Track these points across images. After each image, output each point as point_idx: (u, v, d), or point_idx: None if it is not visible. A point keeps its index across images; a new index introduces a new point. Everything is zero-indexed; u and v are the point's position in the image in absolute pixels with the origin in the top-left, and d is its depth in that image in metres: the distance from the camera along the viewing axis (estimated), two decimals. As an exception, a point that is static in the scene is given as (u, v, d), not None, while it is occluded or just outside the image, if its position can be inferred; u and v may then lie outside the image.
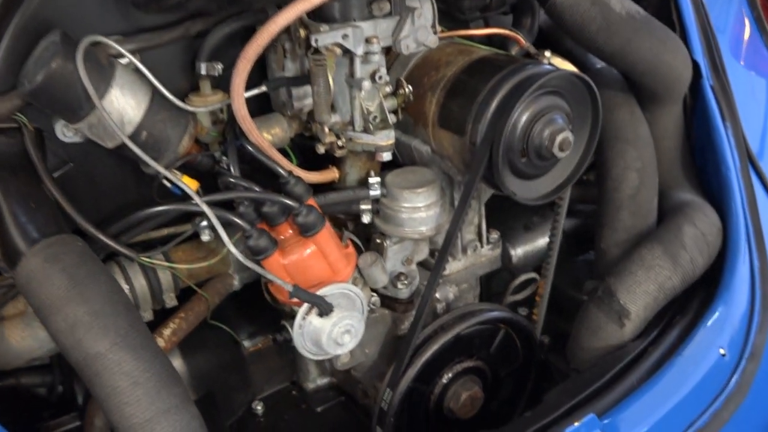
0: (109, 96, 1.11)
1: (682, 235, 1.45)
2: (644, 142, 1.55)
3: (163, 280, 1.30)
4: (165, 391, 1.03)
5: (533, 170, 1.28)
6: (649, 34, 1.41)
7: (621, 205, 1.53)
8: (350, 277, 1.24)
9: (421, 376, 1.34)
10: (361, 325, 1.20)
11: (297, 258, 1.17)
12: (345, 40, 1.15)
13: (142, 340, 1.04)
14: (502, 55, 1.34)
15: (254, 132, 1.18)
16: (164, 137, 1.18)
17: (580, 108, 1.29)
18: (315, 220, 1.16)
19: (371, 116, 1.24)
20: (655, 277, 1.41)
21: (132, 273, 1.27)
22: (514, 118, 1.20)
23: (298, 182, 1.22)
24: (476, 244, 1.49)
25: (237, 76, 1.09)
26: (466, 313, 1.38)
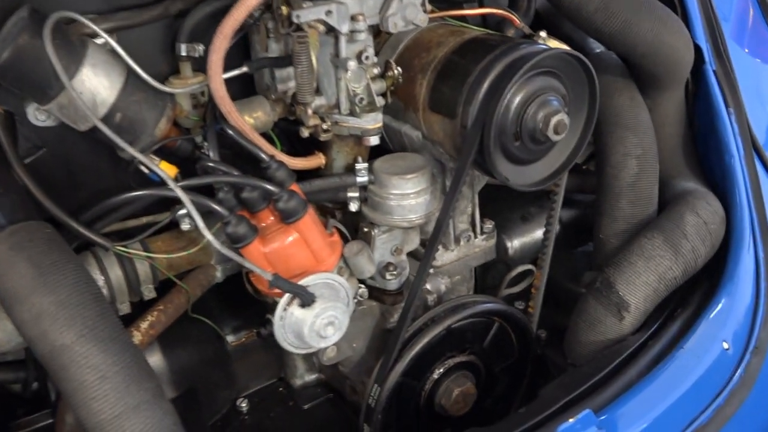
0: (80, 75, 1.06)
1: (683, 224, 1.39)
2: (644, 128, 1.49)
3: (140, 270, 1.24)
4: (135, 386, 0.97)
5: (527, 155, 1.22)
6: (649, 14, 1.35)
7: (620, 193, 1.47)
8: (335, 267, 1.18)
9: (410, 371, 1.29)
10: (346, 317, 1.14)
11: (278, 246, 1.11)
12: (328, 16, 1.09)
13: (111, 332, 0.98)
14: (495, 35, 1.29)
15: (234, 114, 1.12)
16: (140, 119, 1.13)
17: (576, 89, 1.23)
18: (296, 206, 1.10)
19: (357, 98, 1.18)
20: (655, 268, 1.35)
21: (107, 263, 1.22)
22: (506, 100, 1.14)
23: (281, 167, 1.16)
24: (469, 234, 1.43)
25: (213, 53, 1.03)
26: (458, 305, 1.33)
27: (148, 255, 1.21)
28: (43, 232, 1.03)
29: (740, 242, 1.42)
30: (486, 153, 1.15)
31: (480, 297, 1.38)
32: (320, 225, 1.18)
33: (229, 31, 1.01)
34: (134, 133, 1.13)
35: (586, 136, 1.27)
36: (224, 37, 1.01)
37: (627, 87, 1.53)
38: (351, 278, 1.24)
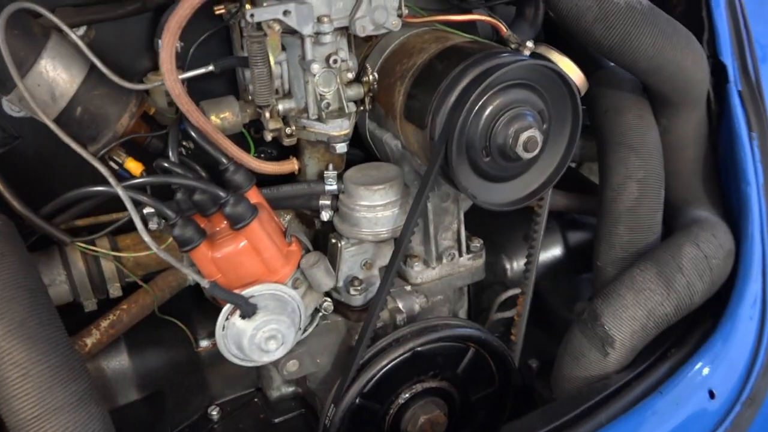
0: (38, 67, 1.06)
1: (680, 257, 1.27)
2: (650, 150, 1.38)
3: (106, 268, 1.24)
4: (59, 387, 0.95)
5: (500, 171, 1.14)
6: (651, 27, 1.25)
7: (618, 218, 1.37)
8: (289, 278, 1.14)
9: (371, 394, 1.23)
10: (291, 331, 1.09)
11: (226, 252, 1.08)
12: (286, 16, 1.05)
13: (42, 330, 0.97)
14: (479, 43, 1.21)
15: (194, 113, 1.10)
16: (101, 114, 1.12)
17: (558, 106, 1.15)
18: (243, 212, 1.06)
19: (324, 103, 1.14)
20: (644, 302, 1.24)
21: (72, 259, 1.21)
22: (474, 112, 1.07)
23: (239, 170, 1.13)
24: (453, 253, 1.36)
25: (163, 50, 1.01)
26: (426, 328, 1.25)
27: (108, 252, 1.20)
28: None
29: (745, 280, 1.29)
30: (450, 167, 1.09)
31: (454, 320, 1.31)
32: (277, 233, 1.14)
33: (175, 28, 0.98)
34: (96, 128, 1.13)
35: (569, 155, 1.18)
36: (171, 34, 0.99)
37: (636, 105, 1.42)
38: (311, 291, 1.19)
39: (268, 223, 1.12)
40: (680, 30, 1.30)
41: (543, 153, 1.18)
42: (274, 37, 1.07)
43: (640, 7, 1.25)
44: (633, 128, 1.40)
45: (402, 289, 1.32)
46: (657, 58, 1.27)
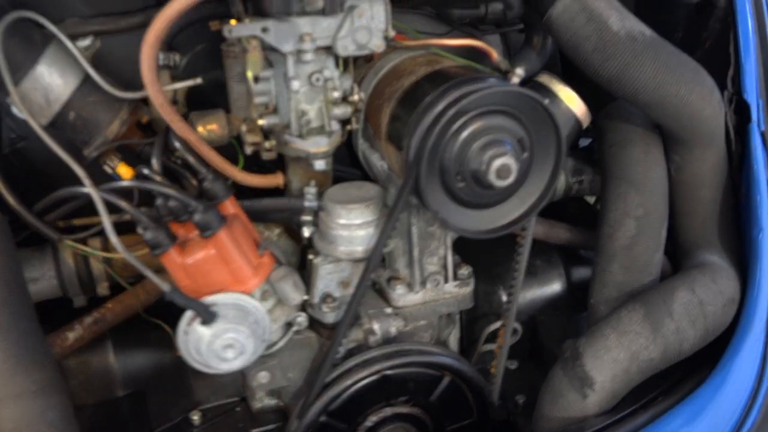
0: (34, 72, 1.12)
1: (672, 300, 1.21)
2: (653, 187, 1.33)
3: (94, 267, 1.28)
4: (22, 376, 1.00)
5: (476, 198, 1.12)
6: (653, 59, 1.20)
7: (614, 255, 1.32)
8: (257, 290, 1.15)
9: (337, 412, 1.22)
10: (250, 342, 1.10)
11: (194, 259, 1.10)
12: (265, 33, 1.07)
13: (11, 320, 1.02)
14: (468, 68, 1.20)
15: (177, 123, 1.13)
16: (93, 120, 1.17)
17: (542, 135, 1.12)
18: (211, 220, 1.09)
19: (304, 119, 1.15)
20: (628, 345, 1.19)
21: (62, 256, 1.27)
22: (447, 136, 1.06)
23: (216, 180, 1.16)
24: (439, 278, 1.34)
25: (142, 61, 1.05)
26: (398, 351, 1.24)
27: (93, 252, 1.25)
28: None
29: (744, 333, 1.22)
30: (420, 190, 1.08)
31: (429, 347, 1.28)
32: (249, 245, 1.16)
33: (153, 40, 1.02)
34: (88, 133, 1.18)
35: (551, 186, 1.15)
36: (149, 46, 1.03)
37: (644, 139, 1.37)
38: (281, 305, 1.20)
39: (240, 233, 1.14)
40: (686, 63, 1.25)
41: (525, 182, 1.15)
42: (254, 53, 1.09)
43: (641, 38, 1.21)
44: (636, 163, 1.35)
45: (381, 311, 1.31)
46: (658, 91, 1.22)
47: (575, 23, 1.21)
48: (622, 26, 1.20)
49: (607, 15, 1.20)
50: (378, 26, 1.15)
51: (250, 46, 1.09)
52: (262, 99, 1.19)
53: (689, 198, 1.42)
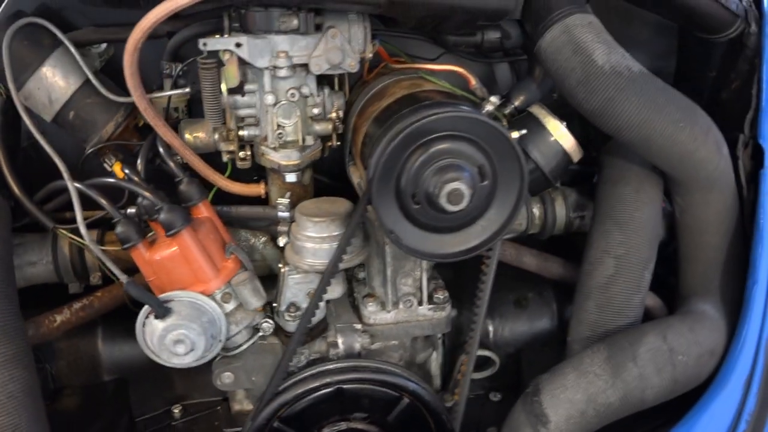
0: (39, 73, 1.22)
1: (638, 345, 1.16)
2: (638, 227, 1.28)
3: (88, 257, 1.37)
4: None
5: (433, 221, 1.12)
6: (637, 95, 1.16)
7: (590, 293, 1.28)
8: (218, 290, 1.19)
9: (290, 419, 1.24)
10: (201, 339, 1.14)
11: (158, 255, 1.16)
12: (239, 49, 1.13)
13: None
14: (441, 92, 1.21)
15: (161, 128, 1.20)
16: (91, 120, 1.26)
17: (506, 164, 1.11)
18: (174, 220, 1.14)
19: (276, 133, 1.20)
20: (586, 386, 1.15)
21: (60, 244, 1.36)
22: (403, 158, 1.07)
23: (191, 184, 1.22)
24: (412, 300, 1.34)
25: (125, 68, 1.12)
26: (353, 366, 1.25)
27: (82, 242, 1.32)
28: None
29: (718, 388, 1.14)
30: (377, 211, 1.09)
31: (390, 367, 1.28)
32: (214, 247, 1.20)
33: (131, 49, 1.09)
34: (85, 132, 1.27)
35: (513, 216, 1.13)
36: (129, 54, 1.10)
37: (639, 177, 1.32)
38: (243, 308, 1.24)
39: (206, 235, 1.19)
40: (677, 101, 1.19)
41: (488, 210, 1.15)
42: (230, 67, 1.15)
43: (627, 72, 1.17)
44: (624, 202, 1.30)
45: (350, 326, 1.33)
46: (643, 129, 1.18)
47: (561, 55, 1.20)
48: (607, 60, 1.17)
49: (593, 48, 1.17)
50: (355, 47, 1.18)
51: (226, 60, 1.14)
52: (246, 111, 1.25)
53: (692, 243, 1.36)
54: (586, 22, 1.21)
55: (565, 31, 1.20)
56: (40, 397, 1.17)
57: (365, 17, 1.19)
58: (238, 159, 1.23)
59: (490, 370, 1.46)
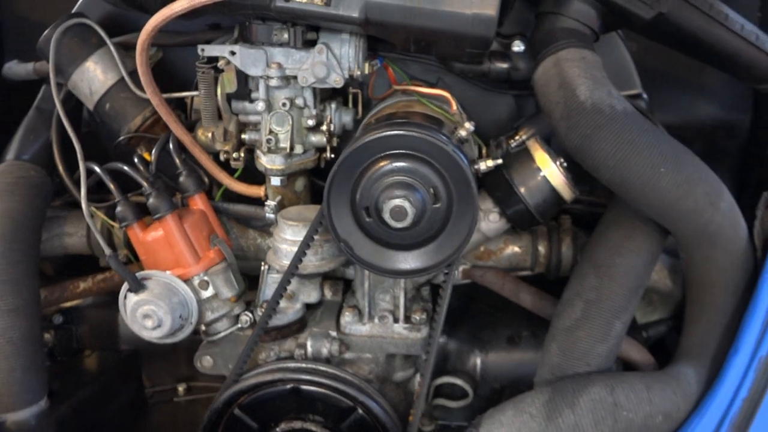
0: (83, 66, 1.40)
1: (581, 393, 1.10)
2: (616, 274, 1.22)
3: (115, 235, 1.53)
4: None
5: (385, 236, 1.15)
6: (615, 135, 1.11)
7: (554, 336, 1.23)
8: (195, 276, 1.30)
9: (248, 408, 1.31)
10: (168, 318, 1.24)
11: (146, 236, 1.29)
12: (233, 57, 1.23)
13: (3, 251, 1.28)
14: (424, 116, 1.23)
15: (172, 124, 1.33)
16: (122, 112, 1.42)
17: (461, 189, 1.12)
18: (159, 205, 1.26)
19: (266, 138, 1.28)
20: (519, 426, 1.11)
21: (96, 221, 1.53)
22: (357, 173, 1.12)
23: (190, 176, 1.34)
24: (388, 316, 1.37)
25: (138, 66, 1.26)
26: (313, 369, 1.29)
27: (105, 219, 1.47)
28: (17, 173, 1.40)
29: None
30: (327, 218, 1.14)
31: (348, 376, 1.31)
32: (199, 236, 1.31)
33: (140, 49, 1.22)
34: (118, 122, 1.44)
35: (465, 243, 1.13)
36: (139, 54, 1.24)
37: (632, 224, 1.26)
38: (219, 297, 1.33)
39: (193, 225, 1.30)
40: (661, 146, 1.13)
41: (443, 233, 1.16)
42: (228, 73, 1.26)
43: (608, 111, 1.13)
44: (609, 246, 1.25)
45: (325, 331, 1.37)
46: (618, 170, 1.13)
47: (549, 88, 1.19)
48: (590, 96, 1.14)
49: (577, 83, 1.15)
50: (344, 65, 1.24)
51: (225, 66, 1.25)
52: (252, 117, 1.35)
53: (696, 302, 1.27)
54: (579, 56, 1.19)
55: (555, 65, 1.19)
56: (41, 349, 1.33)
57: (359, 37, 1.25)
58: (232, 159, 1.33)
59: (464, 401, 1.44)
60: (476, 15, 1.13)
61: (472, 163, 1.20)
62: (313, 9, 1.15)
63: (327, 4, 1.14)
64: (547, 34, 1.23)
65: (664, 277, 1.43)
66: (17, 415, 1.29)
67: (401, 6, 1.14)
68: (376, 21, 1.15)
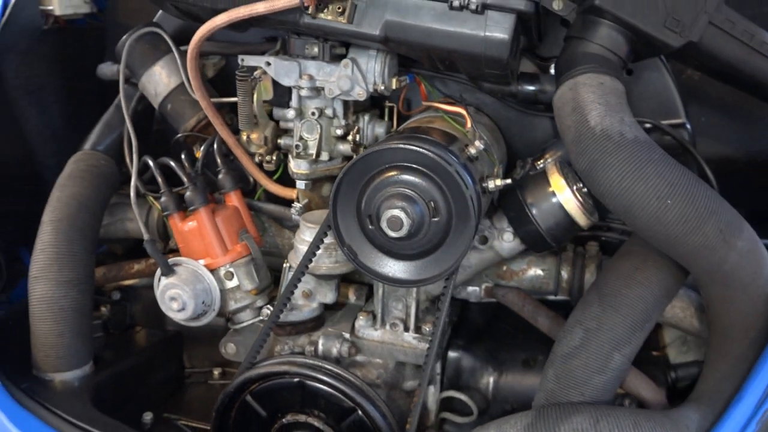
0: (151, 70, 1.55)
1: (564, 422, 1.10)
2: (620, 305, 1.19)
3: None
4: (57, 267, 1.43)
5: (387, 245, 1.20)
6: (621, 163, 1.10)
7: (553, 361, 1.23)
8: (222, 267, 1.40)
9: (259, 396, 1.38)
10: (192, 302, 1.35)
11: (183, 226, 1.41)
12: (268, 67, 1.33)
13: (67, 228, 1.45)
14: (436, 129, 1.27)
15: (218, 125, 1.45)
16: (181, 113, 1.56)
17: (461, 206, 1.14)
18: (193, 199, 1.38)
19: (296, 144, 1.37)
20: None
21: (153, 209, 1.68)
22: (363, 181, 1.17)
23: (227, 175, 1.45)
24: (398, 324, 1.41)
25: (189, 72, 1.39)
26: (319, 367, 1.35)
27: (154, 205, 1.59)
28: (89, 162, 1.56)
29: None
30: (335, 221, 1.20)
31: (353, 378, 1.35)
32: (229, 230, 1.41)
33: (190, 56, 1.34)
34: (176, 122, 1.58)
35: (460, 258, 1.16)
36: (189, 61, 1.35)
37: (644, 256, 1.24)
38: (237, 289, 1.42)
39: (225, 219, 1.41)
40: (670, 177, 1.09)
41: (442, 247, 1.19)
42: (265, 82, 1.36)
43: (618, 138, 1.12)
44: (617, 276, 1.23)
45: (338, 332, 1.44)
46: (624, 199, 1.11)
47: (563, 111, 1.19)
48: (600, 122, 1.13)
49: (590, 108, 1.15)
50: (369, 79, 1.31)
51: (262, 75, 1.35)
52: (289, 124, 1.44)
53: (714, 345, 1.23)
54: (596, 82, 1.18)
55: (572, 89, 1.19)
56: (88, 319, 1.48)
57: (386, 54, 1.31)
58: (265, 162, 1.43)
59: (469, 417, 1.45)
60: (489, 37, 1.16)
61: (481, 181, 1.22)
62: (336, 26, 1.22)
63: (350, 21, 1.21)
64: (570, 58, 1.23)
65: (690, 316, 1.37)
66: (63, 376, 1.45)
67: (418, 26, 1.18)
68: (395, 39, 1.21)
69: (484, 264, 1.40)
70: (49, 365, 1.44)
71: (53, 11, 1.73)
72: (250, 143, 1.42)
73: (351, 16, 1.20)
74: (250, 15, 1.22)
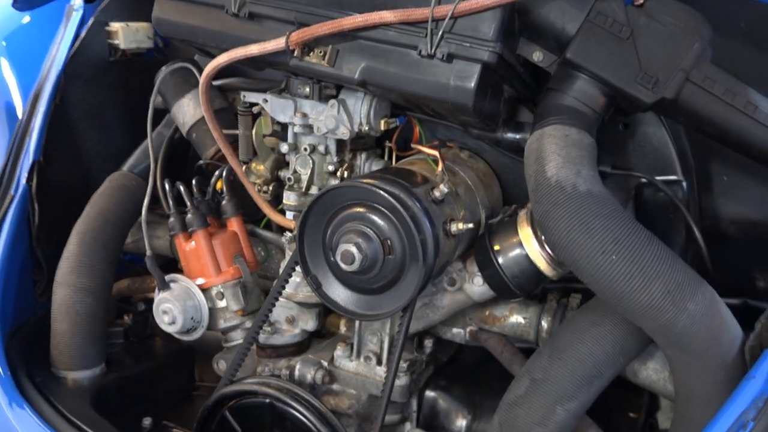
0: (180, 101, 1.70)
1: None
2: (570, 359, 1.19)
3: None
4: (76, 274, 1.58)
5: (347, 278, 1.25)
6: (570, 215, 1.10)
7: (499, 410, 1.24)
8: (214, 287, 1.50)
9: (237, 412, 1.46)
10: (181, 317, 1.45)
11: (185, 246, 1.53)
12: (265, 104, 1.43)
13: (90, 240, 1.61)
14: (409, 171, 1.31)
15: (228, 155, 1.56)
16: (203, 142, 1.70)
17: (412, 245, 1.18)
18: (192, 221, 1.49)
19: (287, 177, 1.46)
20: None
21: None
22: (327, 216, 1.24)
23: (230, 201, 1.56)
24: (372, 357, 1.45)
25: (202, 104, 1.51)
26: (287, 390, 1.40)
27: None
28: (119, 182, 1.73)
29: None
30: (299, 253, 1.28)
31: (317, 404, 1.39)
32: (225, 253, 1.52)
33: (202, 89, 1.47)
34: (200, 149, 1.72)
35: (413, 298, 1.19)
36: (201, 95, 1.48)
37: (602, 312, 1.22)
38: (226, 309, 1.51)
39: (222, 243, 1.52)
40: (616, 231, 1.08)
41: (398, 284, 1.23)
42: (265, 117, 1.46)
43: (570, 190, 1.12)
44: (571, 330, 1.22)
45: (317, 360, 1.49)
46: (570, 251, 1.11)
47: (528, 160, 1.21)
48: (556, 173, 1.14)
49: (549, 159, 1.16)
50: (355, 120, 1.38)
51: (262, 111, 1.46)
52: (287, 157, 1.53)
53: (677, 411, 1.19)
54: (562, 133, 1.20)
55: (538, 139, 1.21)
56: (101, 325, 1.62)
57: (373, 97, 1.38)
58: (261, 192, 1.52)
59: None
60: (456, 86, 1.20)
61: (444, 224, 1.26)
62: (320, 69, 1.30)
63: (331, 65, 1.29)
64: (545, 109, 1.25)
65: (664, 379, 1.32)
66: (74, 374, 1.59)
67: (391, 72, 1.25)
68: (372, 83, 1.28)
69: (456, 306, 1.41)
70: (62, 363, 1.59)
71: (119, 45, 1.92)
72: (250, 173, 1.52)
73: (332, 60, 1.28)
74: (245, 56, 1.33)
